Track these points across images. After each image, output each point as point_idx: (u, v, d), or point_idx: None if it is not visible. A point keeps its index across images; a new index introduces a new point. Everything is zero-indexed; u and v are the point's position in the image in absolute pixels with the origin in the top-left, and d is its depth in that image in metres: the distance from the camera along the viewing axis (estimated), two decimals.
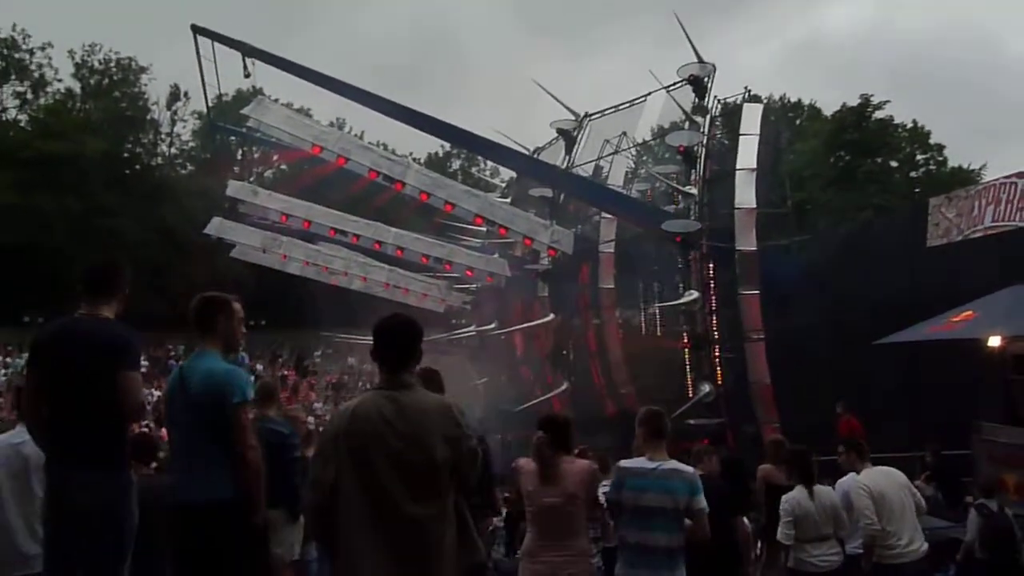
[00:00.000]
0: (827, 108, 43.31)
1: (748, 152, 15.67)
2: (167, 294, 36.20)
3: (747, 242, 14.93)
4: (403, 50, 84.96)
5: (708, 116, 16.50)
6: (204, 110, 24.82)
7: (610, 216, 18.49)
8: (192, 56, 16.14)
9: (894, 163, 40.14)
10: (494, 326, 22.26)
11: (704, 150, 16.09)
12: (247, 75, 15.65)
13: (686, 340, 15.88)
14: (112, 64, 44.55)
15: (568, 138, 20.45)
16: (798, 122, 44.64)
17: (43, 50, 42.24)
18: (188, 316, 3.72)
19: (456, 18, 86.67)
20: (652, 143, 25.09)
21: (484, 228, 19.35)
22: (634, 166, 22.03)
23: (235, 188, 19.70)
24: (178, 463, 3.56)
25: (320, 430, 7.03)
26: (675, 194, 16.71)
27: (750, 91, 19.82)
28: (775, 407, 14.49)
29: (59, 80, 43.57)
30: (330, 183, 21.22)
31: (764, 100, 36.60)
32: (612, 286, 18.76)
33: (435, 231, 21.75)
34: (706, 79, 16.45)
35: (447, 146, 49.09)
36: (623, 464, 4.43)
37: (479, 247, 21.46)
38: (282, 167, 40.50)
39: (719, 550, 4.88)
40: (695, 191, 15.78)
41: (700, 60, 16.25)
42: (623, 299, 19.42)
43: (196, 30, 15.72)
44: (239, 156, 41.10)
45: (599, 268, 18.87)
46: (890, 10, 74.95)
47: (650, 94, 18.48)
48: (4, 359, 30.46)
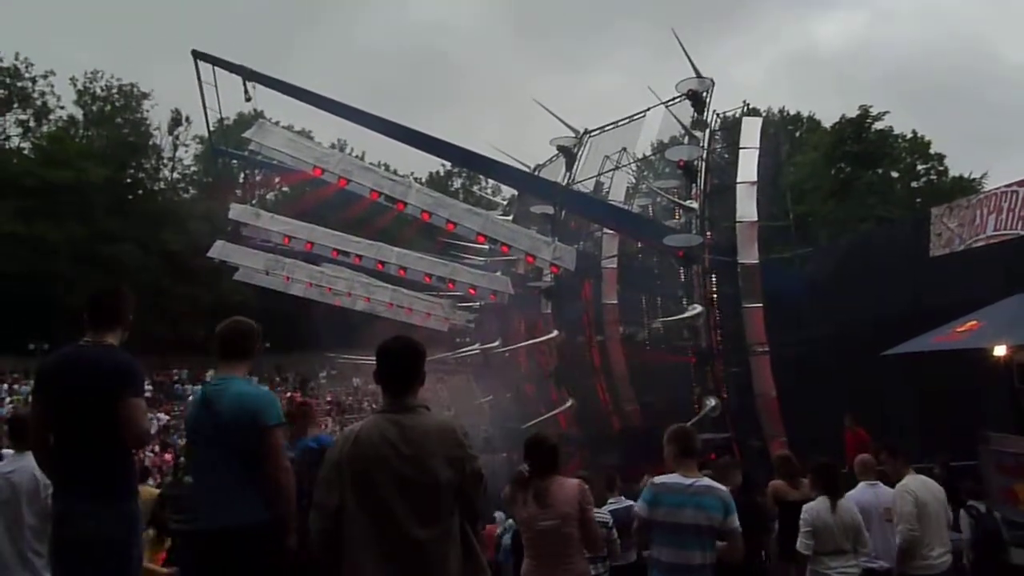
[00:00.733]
0: (825, 119, 43.53)
1: (748, 165, 15.71)
2: (171, 318, 36.37)
3: (749, 255, 14.93)
4: (402, 70, 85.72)
5: (708, 130, 16.55)
6: (206, 134, 24.98)
7: (612, 232, 18.50)
8: (193, 81, 16.28)
9: (895, 174, 40.19)
10: (498, 344, 22.21)
11: (704, 164, 16.11)
12: (248, 99, 15.75)
13: (690, 355, 15.83)
14: (114, 91, 44.97)
15: (568, 155, 20.51)
16: (798, 134, 44.79)
17: (45, 78, 42.70)
18: (217, 340, 3.70)
19: (453, 38, 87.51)
20: (652, 158, 25.17)
21: (486, 246, 19.36)
22: (635, 181, 22.06)
23: (237, 211, 19.74)
24: (207, 487, 3.51)
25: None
26: (676, 209, 16.73)
27: (749, 104, 19.97)
28: (781, 420, 14.42)
29: (61, 107, 44.04)
30: (332, 204, 21.27)
31: (763, 113, 36.80)
32: (615, 302, 18.74)
33: (438, 250, 21.76)
34: (705, 93, 16.52)
35: (448, 165, 49.38)
36: (658, 480, 4.39)
37: (482, 265, 21.46)
38: (284, 189, 40.75)
39: (747, 565, 4.85)
40: (696, 205, 15.79)
41: (698, 75, 16.33)
42: (626, 315, 19.39)
43: (197, 55, 15.84)
44: (241, 179, 41.32)
45: (602, 284, 18.85)
46: (885, 21, 75.42)
47: (649, 109, 18.58)
48: (10, 387, 30.51)
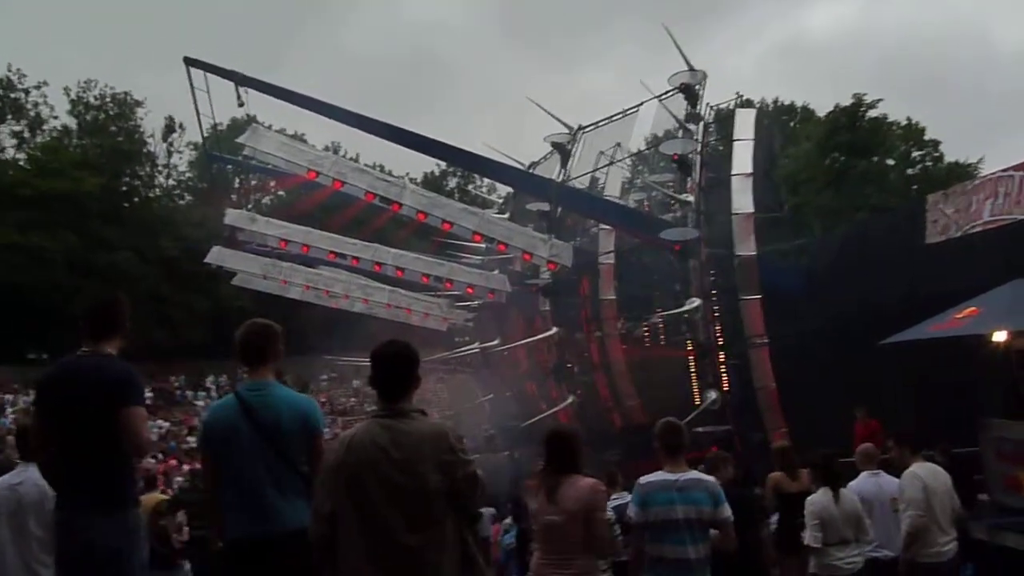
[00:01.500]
0: (819, 109, 43.49)
1: (743, 157, 15.70)
2: (170, 325, 36.35)
3: (746, 248, 14.92)
4: (394, 71, 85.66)
5: (701, 123, 16.56)
6: (199, 140, 24.93)
7: (608, 227, 18.51)
8: (186, 87, 16.27)
9: (890, 162, 40.17)
10: (497, 342, 22.24)
11: (699, 157, 16.12)
12: (241, 104, 15.75)
13: (690, 349, 15.85)
14: (108, 99, 44.86)
15: (563, 151, 20.50)
16: (792, 125, 44.75)
17: (38, 88, 42.61)
18: (240, 344, 3.65)
19: (445, 38, 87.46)
20: (647, 153, 25.17)
21: (483, 245, 19.37)
22: (630, 176, 22.08)
23: (233, 216, 19.75)
24: (249, 494, 3.43)
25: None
26: (672, 203, 16.73)
27: (742, 96, 19.92)
28: (781, 412, 14.44)
29: (55, 117, 43.95)
30: (327, 207, 21.28)
31: (757, 104, 36.76)
32: (613, 297, 18.73)
33: (434, 250, 21.77)
34: (697, 86, 16.52)
35: (443, 165, 49.30)
36: (643, 481, 4.42)
37: (479, 264, 21.47)
38: (279, 193, 40.68)
39: (741, 557, 4.87)
40: (692, 199, 15.80)
41: (691, 68, 16.32)
42: (624, 310, 19.40)
43: (188, 62, 15.83)
44: (236, 184, 41.28)
45: (599, 280, 18.85)
46: (878, 6, 75.40)
47: (642, 104, 18.58)
48: (11, 397, 30.48)
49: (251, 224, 19.51)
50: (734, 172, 15.54)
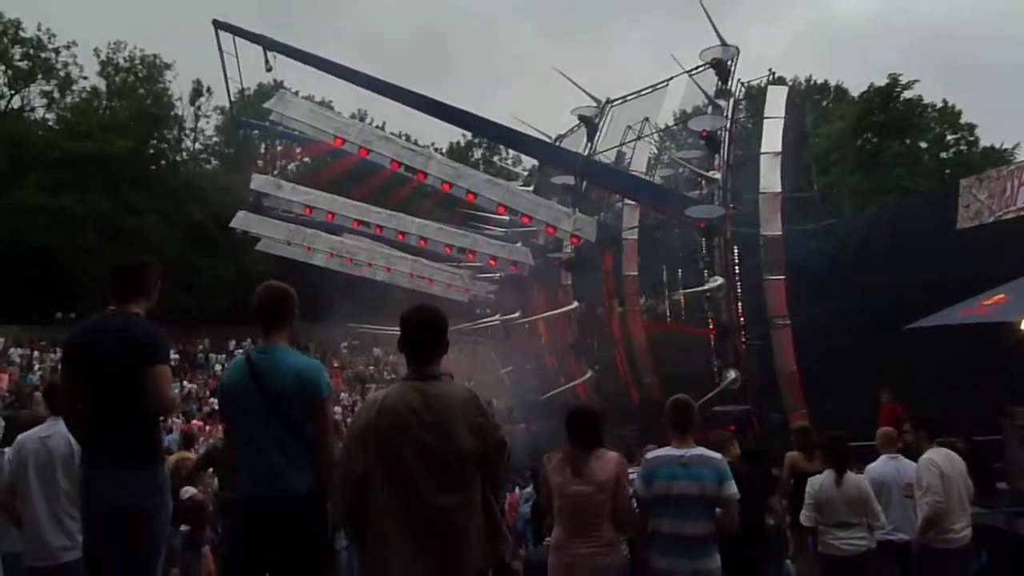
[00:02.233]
0: (853, 89, 42.65)
1: (773, 136, 15.49)
2: (195, 290, 36.73)
3: (772, 227, 14.77)
4: (417, 40, 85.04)
5: (731, 100, 16.32)
6: (227, 105, 24.98)
7: (633, 203, 18.38)
8: (214, 51, 16.27)
9: (923, 144, 39.41)
10: (518, 315, 22.27)
11: (728, 134, 15.91)
12: (269, 69, 15.75)
13: (711, 327, 15.77)
14: (137, 62, 44.98)
15: (590, 125, 20.33)
16: (824, 104, 43.96)
17: (68, 49, 42.76)
18: (257, 308, 3.64)
19: (472, 8, 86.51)
20: (675, 128, 24.91)
21: (507, 217, 19.32)
22: (657, 152, 21.87)
23: (259, 182, 19.81)
24: (257, 457, 3.47)
25: (347, 422, 7.05)
26: (698, 180, 16.57)
27: (774, 73, 19.57)
28: (802, 394, 14.36)
29: (85, 78, 44.10)
30: (352, 175, 21.30)
31: (788, 82, 36.16)
32: (635, 273, 18.65)
33: (458, 221, 21.75)
34: (729, 62, 16.26)
35: (468, 136, 49.10)
36: (650, 456, 4.45)
37: (502, 236, 21.44)
38: (305, 160, 40.80)
39: (747, 534, 4.87)
40: (719, 176, 15.63)
41: (723, 43, 16.06)
42: (647, 286, 19.32)
43: (218, 25, 15.81)
44: (262, 150, 41.39)
45: (622, 255, 18.76)
46: None
47: (672, 78, 18.34)
48: (41, 355, 31.10)
49: (277, 190, 19.57)
50: (763, 150, 15.37)
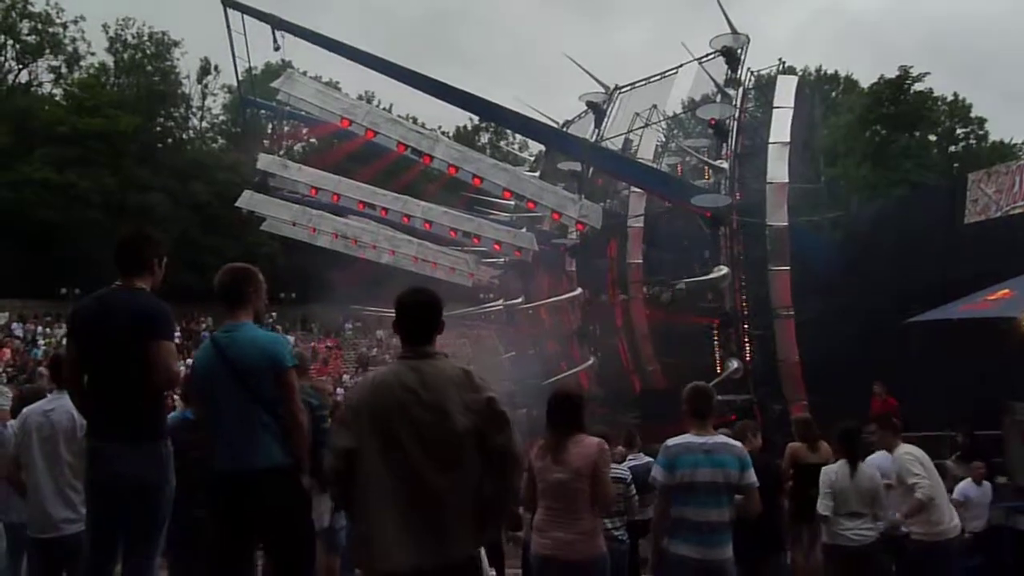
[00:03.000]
0: (863, 80, 42.39)
1: (781, 126, 15.40)
2: (199, 268, 36.81)
3: (778, 218, 14.72)
4: (423, 23, 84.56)
5: (741, 88, 16.24)
6: (234, 84, 24.96)
7: (639, 191, 18.33)
8: (222, 29, 16.20)
9: (932, 137, 39.20)
10: (521, 300, 22.27)
11: (736, 123, 15.85)
12: (277, 48, 15.63)
13: (714, 317, 15.77)
14: (145, 38, 44.87)
15: (598, 111, 20.25)
16: (834, 95, 43.72)
17: (76, 24, 42.68)
18: (217, 289, 3.73)
19: None
20: (683, 116, 24.77)
21: (512, 202, 19.28)
22: (664, 140, 21.79)
23: (265, 161, 19.77)
24: (227, 432, 3.56)
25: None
26: (706, 168, 16.51)
27: (784, 63, 19.49)
28: (804, 385, 14.38)
29: (92, 54, 44.04)
30: (358, 157, 21.25)
31: (799, 72, 35.93)
32: (640, 261, 18.62)
33: (463, 205, 21.72)
34: (739, 50, 16.16)
35: (475, 120, 48.96)
36: (671, 443, 4.43)
37: (507, 221, 21.42)
38: (311, 141, 40.73)
39: (764, 525, 4.90)
40: (726, 165, 15.58)
41: (733, 31, 15.95)
42: (651, 275, 19.30)
43: (226, 3, 15.71)
44: (269, 130, 41.32)
45: (627, 243, 18.74)
46: None
47: (681, 66, 18.22)
48: (44, 330, 31.25)
49: (283, 170, 19.53)
50: (771, 140, 15.28)
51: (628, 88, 20.00)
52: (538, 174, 21.32)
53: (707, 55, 16.73)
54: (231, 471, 3.50)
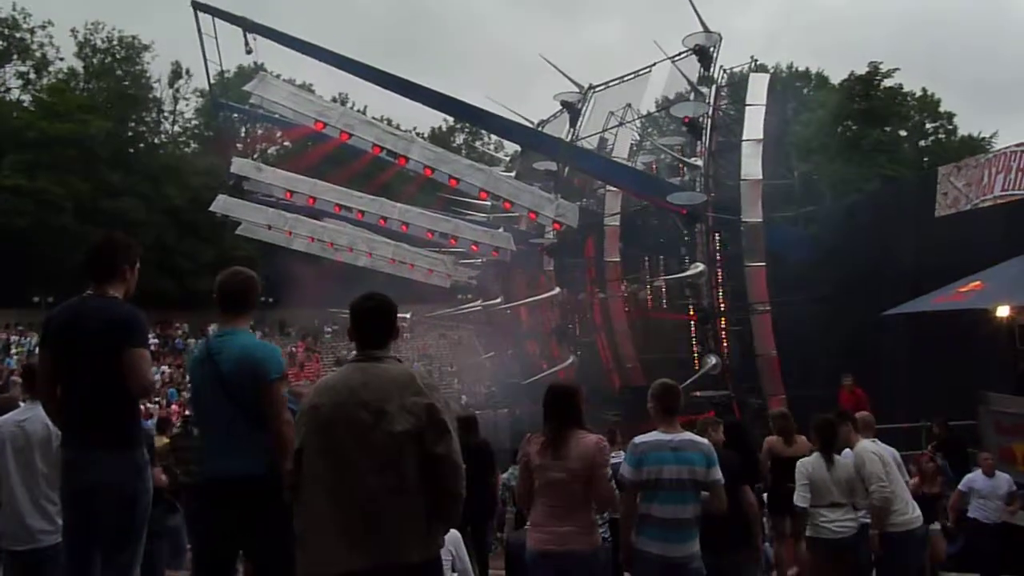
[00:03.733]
0: (832, 76, 42.85)
1: (754, 123, 15.56)
2: (174, 273, 36.44)
3: (753, 214, 14.87)
4: (396, 24, 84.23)
5: (714, 86, 16.37)
6: (206, 87, 24.74)
7: (615, 189, 18.41)
8: (193, 32, 16.06)
9: (903, 132, 39.72)
10: (500, 301, 22.29)
11: (710, 121, 15.97)
12: (249, 51, 15.55)
13: (692, 313, 15.88)
14: (115, 42, 44.29)
15: (572, 111, 20.32)
16: (805, 91, 44.13)
17: (44, 29, 42.02)
18: (217, 292, 3.65)
19: None
20: (657, 115, 24.91)
21: (489, 203, 19.28)
22: (639, 138, 21.91)
23: (239, 165, 19.62)
24: (212, 438, 3.55)
25: None
26: (680, 166, 16.63)
27: (757, 61, 19.64)
28: (781, 379, 14.52)
29: (61, 59, 43.40)
30: (334, 159, 21.15)
31: (770, 70, 36.22)
32: (617, 259, 18.72)
33: (440, 206, 21.69)
34: (712, 49, 16.29)
35: (450, 120, 48.84)
36: (638, 440, 4.44)
37: (484, 222, 21.42)
38: (286, 144, 40.45)
39: (730, 519, 4.92)
40: (700, 163, 15.70)
41: (706, 29, 16.08)
42: (628, 272, 19.40)
43: (196, 6, 15.60)
44: (243, 133, 40.96)
45: (604, 241, 18.83)
46: None
47: (655, 65, 18.35)
48: (17, 339, 30.76)
49: (257, 174, 19.39)
50: (745, 137, 15.43)
51: (602, 87, 20.10)
52: (514, 174, 21.35)
53: (680, 54, 16.86)
54: (211, 477, 3.50)
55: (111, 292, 3.62)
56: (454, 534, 4.91)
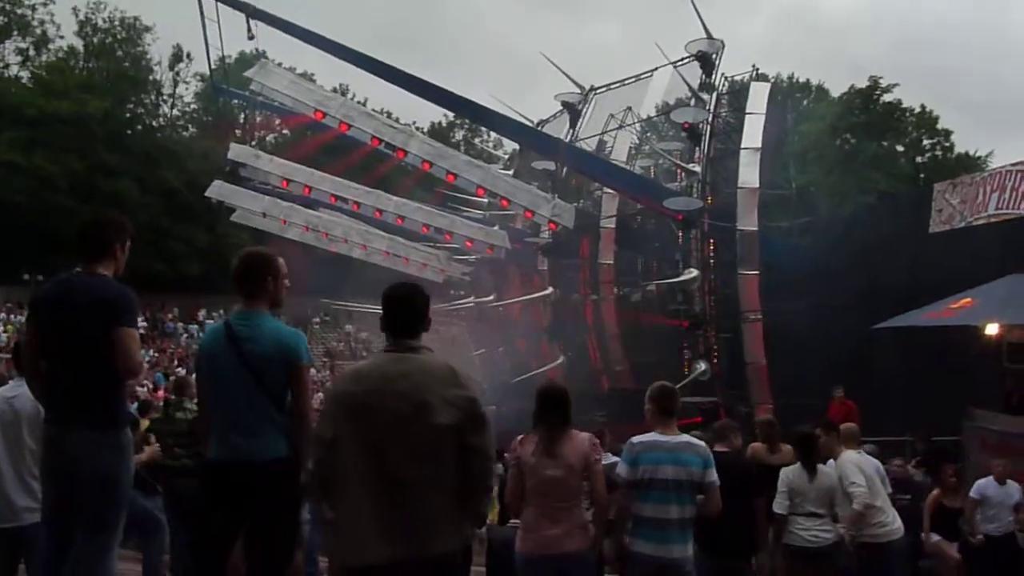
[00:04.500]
0: (832, 89, 43.00)
1: (753, 131, 15.60)
2: (167, 256, 36.27)
3: (748, 222, 14.91)
4: (404, 17, 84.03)
5: (715, 93, 16.39)
6: (207, 72, 24.64)
7: (612, 192, 18.42)
8: (195, 16, 16.00)
9: (900, 147, 39.88)
10: (492, 298, 22.28)
11: (709, 128, 16.00)
12: (251, 37, 15.48)
13: (683, 319, 15.91)
14: (116, 23, 44.06)
15: (573, 111, 20.32)
16: (805, 103, 44.26)
17: (45, 6, 41.74)
18: (237, 274, 3.62)
19: None
20: (657, 119, 24.93)
21: (486, 200, 19.26)
22: (638, 142, 21.92)
23: (237, 151, 19.54)
24: (230, 421, 3.47)
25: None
26: (678, 171, 16.64)
27: (758, 69, 19.62)
28: (769, 388, 14.55)
29: (61, 37, 43.10)
30: (332, 150, 21.10)
31: (772, 79, 36.30)
32: (611, 262, 18.74)
33: (436, 202, 21.66)
34: (714, 55, 16.32)
35: (450, 116, 48.75)
36: (635, 440, 4.44)
37: (480, 219, 21.40)
38: (284, 132, 40.34)
39: (742, 528, 4.92)
40: (698, 169, 15.72)
41: (709, 36, 16.10)
42: (622, 275, 19.42)
43: None
44: (241, 120, 40.80)
45: (599, 243, 18.85)
46: None
47: (656, 69, 18.36)
48: (8, 316, 30.56)
49: (254, 161, 19.31)
50: (743, 146, 15.46)
51: (603, 89, 20.10)
52: (512, 172, 21.33)
53: (682, 59, 16.87)
54: (227, 460, 3.43)
55: (101, 270, 3.59)
56: None
